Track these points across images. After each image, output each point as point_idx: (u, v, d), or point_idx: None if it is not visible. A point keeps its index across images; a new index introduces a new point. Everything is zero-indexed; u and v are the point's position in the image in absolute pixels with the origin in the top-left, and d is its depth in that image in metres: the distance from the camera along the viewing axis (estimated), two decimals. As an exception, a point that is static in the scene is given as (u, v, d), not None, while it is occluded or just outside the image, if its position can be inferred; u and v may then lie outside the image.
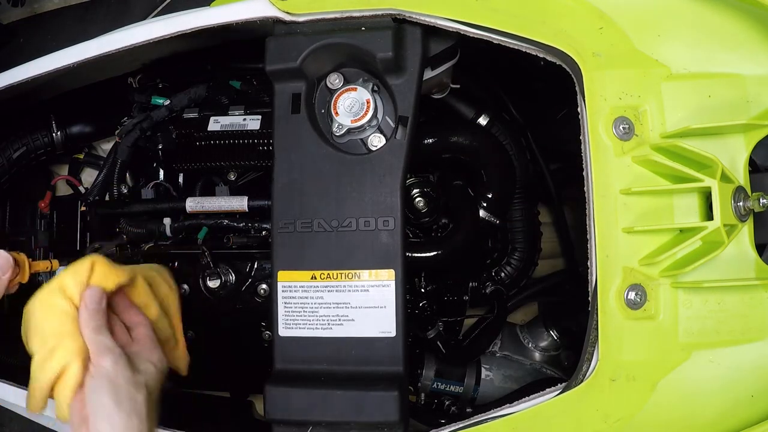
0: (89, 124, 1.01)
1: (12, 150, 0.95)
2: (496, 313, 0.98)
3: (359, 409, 0.65)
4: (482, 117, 0.96)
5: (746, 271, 0.63)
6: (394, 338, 0.67)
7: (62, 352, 0.62)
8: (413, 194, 0.87)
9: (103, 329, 0.64)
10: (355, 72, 0.73)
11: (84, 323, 0.63)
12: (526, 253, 1.00)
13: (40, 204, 1.02)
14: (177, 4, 2.00)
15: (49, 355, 0.62)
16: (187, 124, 0.91)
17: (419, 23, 0.69)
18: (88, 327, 0.63)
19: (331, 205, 0.69)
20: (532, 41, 0.66)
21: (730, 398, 0.63)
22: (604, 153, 0.64)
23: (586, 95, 0.64)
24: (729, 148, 0.64)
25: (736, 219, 0.61)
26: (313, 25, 0.72)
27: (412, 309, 0.90)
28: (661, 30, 0.66)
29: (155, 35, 0.76)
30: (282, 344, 0.70)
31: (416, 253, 0.83)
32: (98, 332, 0.63)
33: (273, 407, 0.67)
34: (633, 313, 0.62)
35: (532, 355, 1.05)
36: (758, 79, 0.64)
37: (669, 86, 0.64)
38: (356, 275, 0.68)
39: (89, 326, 0.63)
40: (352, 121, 0.70)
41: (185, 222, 0.89)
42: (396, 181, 0.69)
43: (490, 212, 0.89)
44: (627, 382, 0.62)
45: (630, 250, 0.63)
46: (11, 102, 0.86)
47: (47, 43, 2.13)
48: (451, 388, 1.00)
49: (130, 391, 0.62)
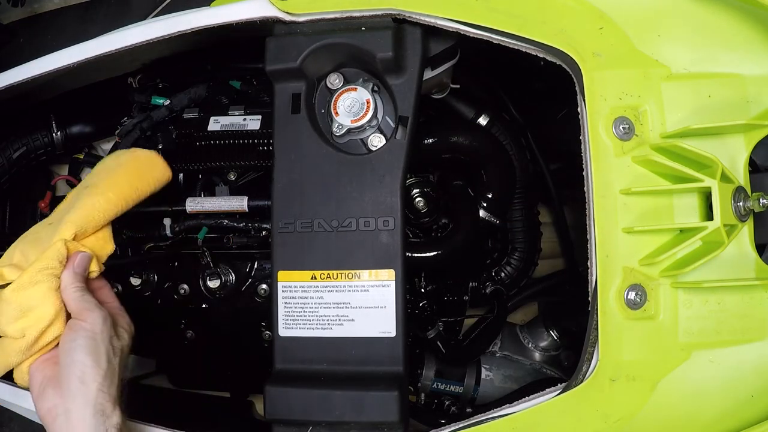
0: (89, 124, 1.00)
1: (12, 150, 0.95)
2: (496, 313, 0.97)
3: (359, 409, 0.65)
4: (482, 117, 0.96)
5: (746, 271, 0.63)
6: (394, 338, 0.67)
7: (40, 311, 0.61)
8: (413, 194, 0.87)
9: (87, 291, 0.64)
10: (355, 72, 0.73)
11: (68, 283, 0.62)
12: (526, 253, 1.00)
13: (40, 204, 1.02)
14: (177, 4, 2.00)
15: (21, 314, 0.61)
16: (187, 124, 0.91)
17: (419, 23, 0.69)
18: (72, 287, 0.62)
19: (331, 205, 0.69)
20: (532, 41, 0.66)
21: (730, 398, 0.63)
22: (604, 153, 0.64)
23: (586, 95, 0.64)
24: (729, 148, 0.64)
25: (736, 219, 0.61)
26: (313, 25, 0.72)
27: (412, 309, 0.90)
28: (661, 30, 0.66)
29: (155, 35, 0.76)
30: (282, 344, 0.70)
31: (416, 253, 0.83)
32: (84, 292, 0.63)
33: (273, 407, 0.67)
34: (633, 313, 0.62)
35: (532, 355, 1.05)
36: (758, 79, 0.64)
37: (669, 86, 0.64)
38: (356, 275, 0.68)
39: (73, 286, 0.63)
40: (352, 121, 0.70)
41: (185, 222, 0.89)
42: (396, 181, 0.69)
43: (490, 212, 0.89)
44: (627, 382, 0.62)
45: (630, 250, 0.63)
46: (11, 102, 0.86)
47: (47, 43, 2.13)
48: (451, 388, 1.00)
49: (109, 353, 0.61)
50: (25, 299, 0.61)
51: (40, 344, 0.62)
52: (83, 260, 0.65)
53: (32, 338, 0.61)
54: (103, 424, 0.58)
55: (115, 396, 0.60)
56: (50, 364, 0.62)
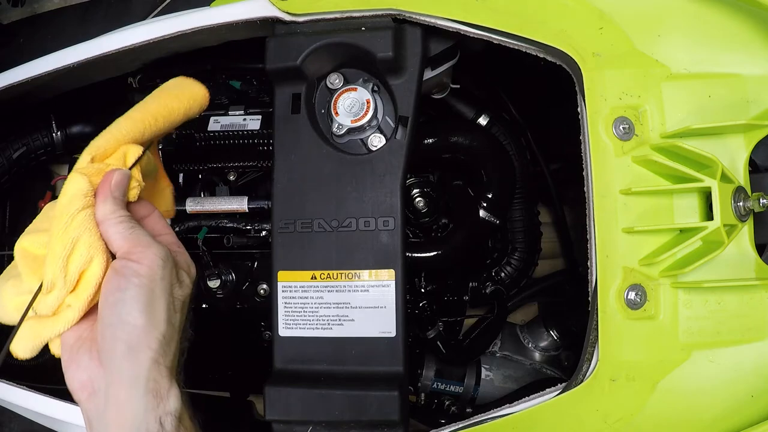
0: (89, 124, 1.00)
1: (12, 150, 0.95)
2: (496, 313, 0.98)
3: (359, 409, 0.65)
4: (482, 117, 0.96)
5: (746, 271, 0.63)
6: (394, 338, 0.67)
7: (81, 249, 0.45)
8: (413, 194, 0.87)
9: (135, 222, 0.47)
10: (355, 72, 0.73)
11: (108, 212, 0.46)
12: (526, 253, 1.00)
13: (40, 204, 1.02)
14: (177, 4, 1.99)
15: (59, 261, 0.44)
16: (187, 124, 0.90)
17: (419, 23, 0.69)
18: (114, 216, 0.46)
19: (331, 205, 0.69)
20: (532, 41, 0.66)
21: (730, 398, 0.63)
22: (604, 153, 0.64)
23: (586, 95, 0.64)
24: (729, 148, 0.64)
25: (736, 219, 0.61)
26: (313, 25, 0.72)
27: (412, 309, 0.90)
28: (661, 30, 0.66)
29: (155, 35, 0.76)
30: (282, 344, 0.70)
31: (416, 253, 0.83)
32: (132, 223, 0.47)
33: (273, 407, 0.67)
34: (633, 313, 0.62)
35: (532, 355, 1.05)
36: (758, 79, 0.64)
37: (669, 86, 0.64)
38: (356, 275, 0.68)
39: (116, 216, 0.46)
40: (352, 121, 0.70)
41: (185, 222, 0.89)
42: (396, 181, 0.69)
43: (490, 212, 0.89)
44: (627, 382, 0.62)
45: (630, 250, 0.63)
46: (11, 102, 0.86)
47: (47, 43, 2.13)
48: (451, 388, 1.00)
49: (170, 308, 0.46)
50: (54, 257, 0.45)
51: (82, 300, 0.45)
52: (121, 179, 0.48)
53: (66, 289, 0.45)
54: (155, 409, 0.42)
55: (173, 369, 0.45)
56: (89, 322, 0.46)
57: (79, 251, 0.45)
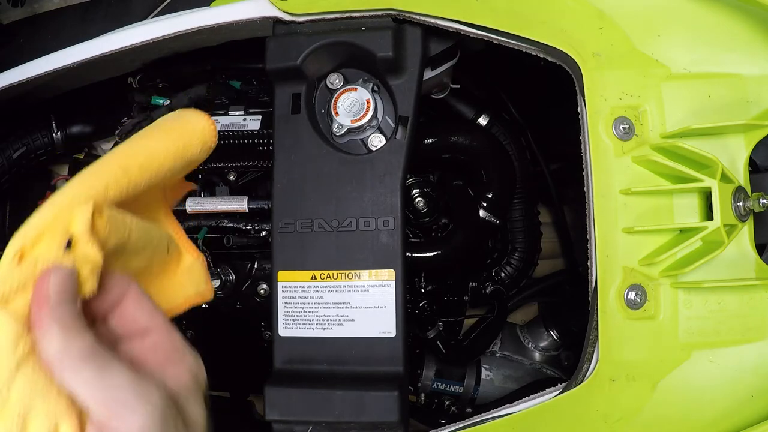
0: (89, 124, 1.01)
1: (12, 150, 0.95)
2: (496, 313, 0.98)
3: (359, 409, 0.65)
4: (482, 117, 0.96)
5: (746, 271, 0.63)
6: (394, 338, 0.67)
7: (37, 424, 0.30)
8: (413, 194, 0.87)
9: (104, 350, 0.33)
10: (355, 72, 0.73)
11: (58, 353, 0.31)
12: (526, 253, 1.00)
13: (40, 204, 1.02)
14: (177, 4, 1.99)
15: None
16: (187, 124, 0.90)
17: (419, 23, 0.69)
18: (69, 356, 0.31)
19: (331, 205, 0.69)
20: (532, 41, 0.66)
21: (730, 398, 0.63)
22: (604, 153, 0.64)
23: (586, 95, 0.64)
24: (729, 148, 0.64)
25: (736, 219, 0.61)
26: (313, 25, 0.72)
27: (412, 309, 0.90)
28: (661, 30, 0.66)
29: (155, 35, 0.76)
30: (282, 344, 0.70)
31: (416, 253, 0.83)
32: (101, 360, 0.32)
33: (273, 407, 0.67)
34: (633, 313, 0.62)
35: (532, 355, 1.05)
36: (758, 79, 0.64)
37: (669, 86, 0.64)
38: (356, 275, 0.68)
39: (72, 353, 0.31)
40: (352, 121, 0.70)
41: (185, 222, 0.89)
42: (396, 181, 0.69)
43: (490, 212, 0.89)
44: (627, 382, 0.62)
45: (630, 250, 0.63)
46: (11, 102, 0.86)
47: (47, 43, 2.13)
48: (451, 388, 1.00)
49: None
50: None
51: None
52: (62, 280, 0.33)
53: None
54: None
55: None
56: None
57: (35, 428, 0.31)
